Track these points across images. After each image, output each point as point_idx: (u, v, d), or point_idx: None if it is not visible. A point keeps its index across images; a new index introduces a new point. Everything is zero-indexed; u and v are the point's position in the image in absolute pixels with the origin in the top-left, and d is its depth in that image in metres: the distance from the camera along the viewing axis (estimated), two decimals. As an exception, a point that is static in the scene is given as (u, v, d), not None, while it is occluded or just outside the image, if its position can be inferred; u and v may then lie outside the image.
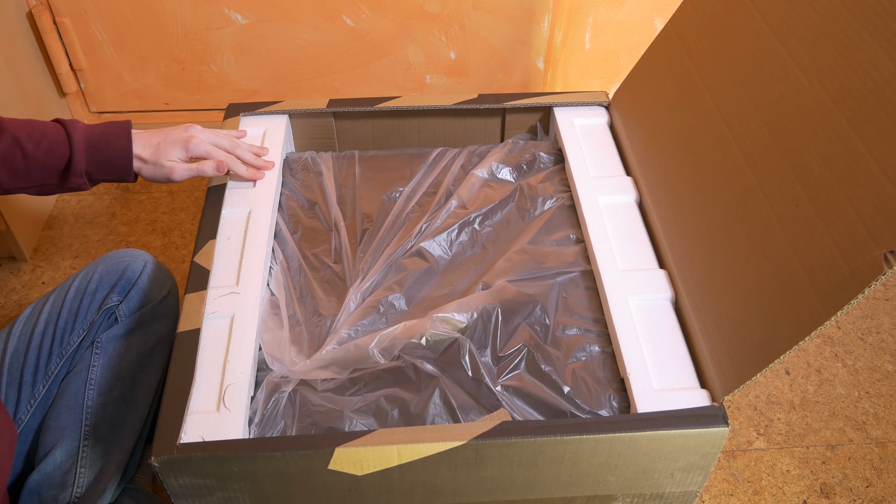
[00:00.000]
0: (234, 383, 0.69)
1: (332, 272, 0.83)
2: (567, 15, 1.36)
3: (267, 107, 0.97)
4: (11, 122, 0.76)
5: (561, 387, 0.71)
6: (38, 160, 0.75)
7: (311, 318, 0.78)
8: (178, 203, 1.41)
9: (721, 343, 0.67)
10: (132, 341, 0.84)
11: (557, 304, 0.78)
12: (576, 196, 0.88)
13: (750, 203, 0.68)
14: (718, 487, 1.01)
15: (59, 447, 0.78)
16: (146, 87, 1.45)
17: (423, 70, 1.44)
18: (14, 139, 0.75)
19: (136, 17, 1.34)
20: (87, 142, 0.77)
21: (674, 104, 0.84)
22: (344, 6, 1.33)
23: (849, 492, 1.00)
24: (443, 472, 0.66)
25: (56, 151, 0.76)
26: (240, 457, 0.62)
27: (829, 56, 0.64)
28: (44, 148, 0.75)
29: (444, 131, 1.00)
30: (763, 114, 0.70)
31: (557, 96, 0.99)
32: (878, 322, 1.21)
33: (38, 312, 0.83)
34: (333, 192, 0.91)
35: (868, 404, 1.10)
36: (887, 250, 0.53)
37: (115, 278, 0.84)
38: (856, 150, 0.58)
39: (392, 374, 0.73)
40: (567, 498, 0.71)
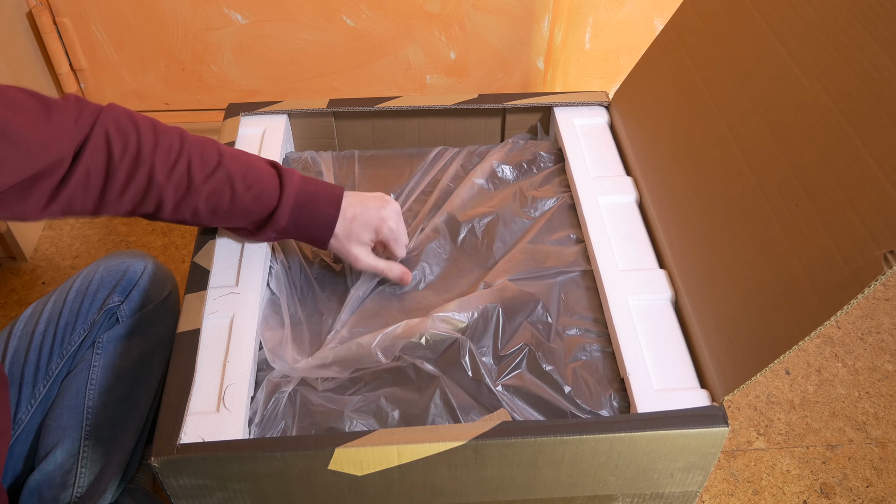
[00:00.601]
0: (234, 383, 0.69)
1: (332, 272, 0.83)
2: (567, 15, 1.36)
3: (267, 107, 0.97)
4: (230, 156, 0.71)
5: (562, 386, 0.71)
6: (243, 206, 0.71)
7: (311, 316, 0.78)
8: (179, 203, 1.40)
9: (721, 343, 0.67)
10: (133, 342, 0.84)
11: (558, 304, 0.78)
12: (576, 196, 0.88)
13: (750, 203, 0.68)
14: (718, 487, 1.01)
15: (60, 447, 0.78)
16: (146, 87, 1.45)
17: (423, 70, 1.44)
18: (228, 178, 0.70)
19: (136, 17, 1.34)
20: (297, 200, 0.73)
21: (674, 104, 0.84)
22: (344, 6, 1.33)
23: (849, 492, 1.00)
24: (443, 472, 0.66)
25: (264, 201, 0.71)
26: (240, 457, 0.62)
27: (829, 56, 0.64)
28: (253, 194, 0.71)
29: (444, 131, 1.00)
30: (763, 114, 0.70)
31: (557, 96, 0.99)
32: (878, 322, 1.21)
33: (38, 313, 0.83)
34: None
35: (868, 404, 1.10)
36: (887, 250, 0.53)
37: (117, 279, 0.84)
38: (856, 150, 0.58)
39: (392, 374, 0.73)
40: (567, 498, 0.71)
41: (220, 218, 0.72)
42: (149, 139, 0.67)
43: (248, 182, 0.71)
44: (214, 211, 0.71)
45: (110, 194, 0.66)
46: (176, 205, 0.69)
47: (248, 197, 0.71)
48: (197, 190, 0.69)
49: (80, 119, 0.64)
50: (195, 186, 0.69)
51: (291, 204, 0.72)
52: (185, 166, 0.68)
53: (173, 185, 0.68)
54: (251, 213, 0.72)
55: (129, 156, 0.66)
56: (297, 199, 0.73)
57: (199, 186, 0.69)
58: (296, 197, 0.73)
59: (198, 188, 0.69)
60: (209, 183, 0.69)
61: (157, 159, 0.67)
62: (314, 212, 0.74)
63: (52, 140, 0.61)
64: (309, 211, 0.73)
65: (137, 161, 0.66)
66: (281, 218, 0.73)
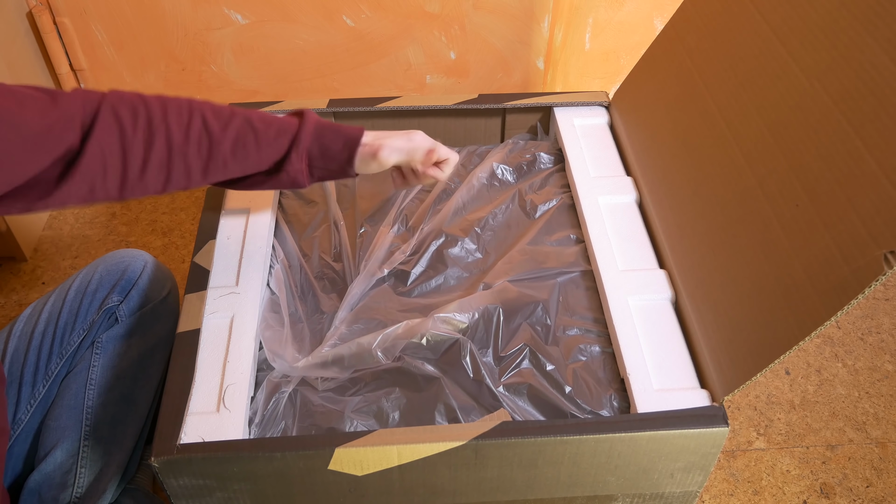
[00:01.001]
0: (234, 383, 0.69)
1: (331, 271, 0.83)
2: (567, 15, 1.36)
3: (267, 107, 0.97)
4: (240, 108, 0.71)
5: (562, 387, 0.71)
6: (268, 141, 0.69)
7: (311, 316, 0.78)
8: (178, 203, 1.41)
9: (721, 343, 0.67)
10: (132, 341, 0.84)
11: (558, 305, 0.78)
12: (576, 196, 0.88)
13: (750, 203, 0.68)
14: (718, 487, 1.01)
15: (60, 447, 0.78)
16: (146, 87, 1.45)
17: (423, 70, 1.44)
18: (246, 120, 0.69)
19: (136, 17, 1.34)
20: (318, 122, 0.72)
21: (674, 104, 0.84)
22: (344, 6, 1.33)
23: (849, 492, 1.00)
24: (443, 472, 0.66)
25: (287, 129, 0.70)
26: (240, 457, 0.62)
27: (829, 56, 0.64)
28: (274, 129, 0.70)
29: (444, 131, 1.00)
30: (763, 114, 0.70)
31: (557, 96, 0.99)
32: (878, 322, 1.21)
33: (38, 313, 0.83)
34: (333, 191, 0.91)
35: (868, 404, 1.10)
36: (887, 250, 0.53)
37: (116, 278, 0.84)
38: (856, 150, 0.58)
39: (393, 374, 0.73)
40: (567, 498, 0.71)
41: (251, 162, 0.70)
42: (157, 107, 0.65)
43: (267, 120, 0.70)
44: (245, 157, 0.69)
45: (131, 171, 0.63)
46: (204, 167, 0.67)
47: (270, 133, 0.69)
48: (220, 142, 0.67)
49: (87, 102, 0.63)
50: (216, 139, 0.67)
51: (314, 124, 0.72)
52: (200, 122, 0.66)
53: (194, 144, 0.66)
54: (277, 145, 0.70)
55: (140, 127, 0.64)
56: (318, 122, 0.72)
57: (220, 138, 0.67)
58: (317, 121, 0.72)
59: (219, 141, 0.67)
60: (229, 130, 0.67)
61: (171, 122, 0.65)
62: (338, 130, 0.72)
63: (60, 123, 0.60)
64: (332, 131, 0.72)
65: (151, 129, 0.64)
66: (304, 137, 0.70)
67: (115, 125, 0.63)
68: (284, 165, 0.70)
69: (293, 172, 0.71)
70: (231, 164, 0.68)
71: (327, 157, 0.72)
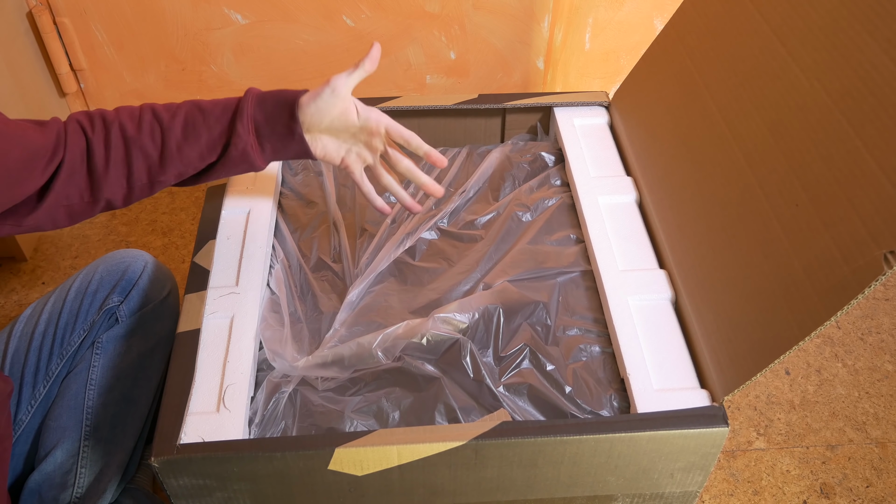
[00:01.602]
0: (234, 383, 0.69)
1: (331, 272, 0.83)
2: (567, 15, 1.36)
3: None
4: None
5: (562, 387, 0.71)
6: (215, 117, 0.72)
7: (311, 315, 0.78)
8: (178, 203, 1.41)
9: (721, 343, 0.67)
10: (133, 341, 0.84)
11: (558, 305, 0.78)
12: (576, 196, 0.88)
13: (750, 203, 0.68)
14: (718, 487, 1.01)
15: (60, 447, 0.78)
16: (146, 87, 1.45)
17: (423, 70, 1.44)
18: (194, 104, 0.73)
19: (136, 17, 1.34)
20: (261, 93, 0.74)
21: (674, 104, 0.84)
22: (344, 6, 1.33)
23: (849, 492, 1.00)
24: (443, 472, 0.66)
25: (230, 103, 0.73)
26: (240, 457, 0.62)
27: (829, 56, 0.64)
28: (220, 106, 0.73)
29: (444, 131, 1.00)
30: (763, 114, 0.70)
31: (557, 96, 0.99)
32: (878, 322, 1.21)
33: (38, 313, 0.83)
34: (333, 191, 0.91)
35: (868, 404, 1.10)
36: (887, 250, 0.53)
37: (116, 279, 0.84)
38: (856, 150, 0.58)
39: (393, 374, 0.73)
40: (567, 498, 0.71)
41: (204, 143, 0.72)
42: (110, 111, 0.71)
43: (214, 101, 0.73)
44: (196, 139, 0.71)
45: (97, 169, 0.69)
46: (161, 155, 0.71)
47: (217, 110, 0.72)
48: (171, 128, 0.70)
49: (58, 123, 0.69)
50: (167, 125, 0.70)
51: (256, 94, 0.73)
52: (150, 114, 0.71)
53: (147, 133, 0.70)
54: (224, 119, 0.72)
55: (98, 127, 0.69)
56: (261, 92, 0.74)
57: (171, 123, 0.71)
58: (259, 92, 0.74)
59: (170, 125, 0.71)
60: (178, 116, 0.71)
61: (123, 118, 0.70)
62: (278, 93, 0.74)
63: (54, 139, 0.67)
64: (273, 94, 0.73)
65: (106, 126, 0.69)
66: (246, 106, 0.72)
67: (80, 134, 0.69)
68: (233, 140, 0.72)
69: (242, 146, 0.72)
70: (186, 149, 0.71)
71: (272, 120, 0.73)
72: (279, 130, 0.73)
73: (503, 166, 0.94)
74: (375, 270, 0.81)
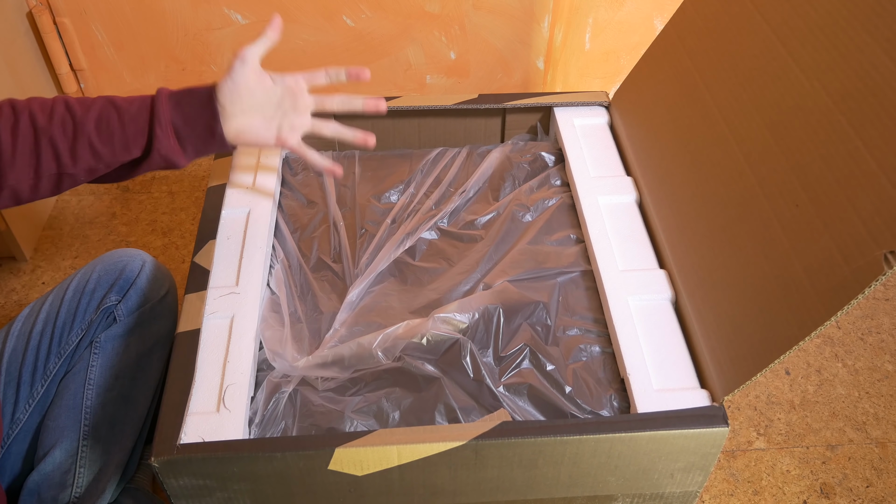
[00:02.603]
0: (234, 383, 0.69)
1: (331, 272, 0.83)
2: (567, 15, 1.36)
3: (267, 107, 0.97)
4: None
5: (562, 387, 0.71)
6: (131, 116, 0.69)
7: (311, 315, 0.78)
8: (178, 203, 1.41)
9: (721, 343, 0.67)
10: (131, 341, 0.84)
11: (558, 305, 0.78)
12: (576, 196, 0.88)
13: (750, 203, 0.68)
14: (718, 487, 1.01)
15: (59, 447, 0.78)
16: (146, 87, 1.45)
17: (423, 70, 1.44)
18: (108, 101, 0.70)
19: (136, 18, 1.34)
20: (172, 92, 0.72)
21: (674, 104, 0.84)
22: (344, 6, 1.33)
23: (849, 492, 1.00)
24: (443, 472, 0.66)
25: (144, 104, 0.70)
26: (240, 457, 0.62)
27: (829, 56, 0.64)
28: (136, 104, 0.70)
29: (444, 131, 1.00)
30: (763, 114, 0.70)
31: (557, 96, 0.99)
32: (878, 322, 1.21)
33: (36, 312, 0.83)
34: (333, 191, 0.91)
35: (868, 404, 1.10)
36: (887, 250, 0.53)
37: (114, 278, 0.84)
38: (856, 150, 0.58)
39: (393, 374, 0.73)
40: (567, 498, 0.71)
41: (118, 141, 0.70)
42: (21, 100, 0.69)
43: (130, 99, 0.70)
44: (110, 136, 0.69)
45: (4, 156, 0.66)
46: (71, 148, 0.68)
47: (133, 108, 0.69)
48: (83, 122, 0.68)
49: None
50: (79, 119, 0.68)
51: (169, 94, 0.71)
52: (63, 105, 0.69)
53: (58, 125, 0.67)
54: (140, 120, 0.70)
55: (5, 114, 0.67)
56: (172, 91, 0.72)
57: (84, 118, 0.68)
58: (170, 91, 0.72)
59: (83, 121, 0.68)
60: (92, 111, 0.69)
61: (34, 107, 0.68)
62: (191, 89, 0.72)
63: None
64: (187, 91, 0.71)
65: (15, 114, 0.67)
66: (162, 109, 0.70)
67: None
68: (154, 144, 0.70)
69: (163, 150, 0.70)
70: (98, 145, 0.69)
71: (192, 121, 0.71)
72: (199, 131, 0.72)
73: (503, 166, 0.94)
74: (375, 270, 0.81)
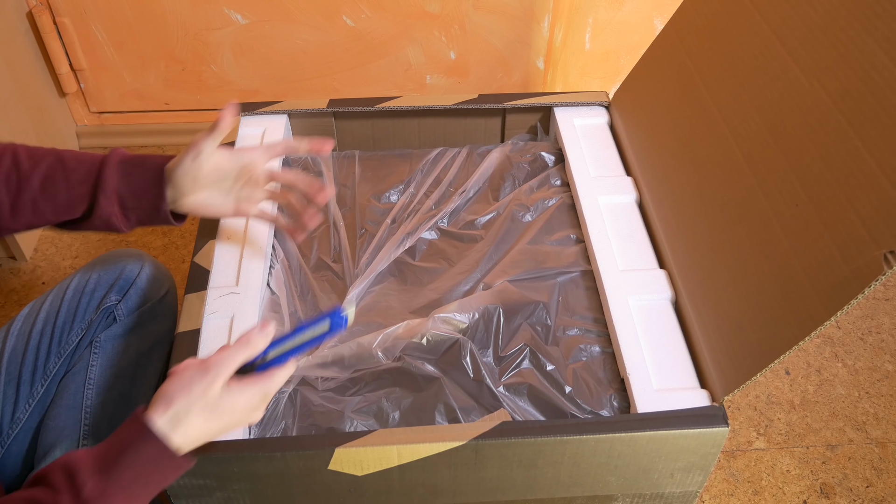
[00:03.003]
0: (234, 383, 0.69)
1: (331, 272, 0.83)
2: (567, 15, 1.36)
3: (267, 107, 0.97)
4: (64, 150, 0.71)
5: (562, 387, 0.71)
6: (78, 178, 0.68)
7: (311, 315, 0.78)
8: (178, 203, 1.40)
9: (721, 343, 0.67)
10: (131, 340, 0.84)
11: (558, 304, 0.78)
12: (576, 196, 0.88)
13: (750, 203, 0.68)
14: (718, 487, 1.01)
15: (59, 447, 0.78)
16: (146, 87, 1.45)
17: (423, 70, 1.44)
18: (58, 159, 0.69)
19: (136, 17, 1.34)
20: (124, 158, 0.71)
21: (674, 104, 0.84)
22: (344, 6, 1.33)
23: (849, 492, 1.00)
24: (443, 472, 0.66)
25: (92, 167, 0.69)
26: (240, 457, 0.62)
27: (829, 56, 0.64)
28: (85, 166, 0.69)
29: (444, 131, 1.00)
30: (763, 114, 0.70)
31: (557, 96, 0.99)
32: (878, 322, 1.21)
33: (36, 312, 0.83)
34: (333, 191, 0.91)
35: (868, 404, 1.10)
36: (887, 250, 0.53)
37: (114, 277, 0.84)
38: (856, 150, 0.58)
39: (393, 374, 0.73)
40: (567, 498, 0.71)
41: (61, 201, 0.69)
42: None
43: (80, 158, 0.69)
44: (55, 195, 0.68)
45: None
46: (13, 203, 0.68)
47: (81, 170, 0.69)
48: (28, 178, 0.67)
49: None
50: (24, 175, 0.67)
51: (118, 159, 0.70)
52: (11, 159, 0.68)
53: (2, 179, 0.67)
54: (87, 183, 0.69)
55: None
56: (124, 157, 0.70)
57: (30, 174, 0.67)
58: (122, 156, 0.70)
59: (28, 177, 0.67)
60: (40, 168, 0.68)
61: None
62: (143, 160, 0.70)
63: None
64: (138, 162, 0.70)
65: None
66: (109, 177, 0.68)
67: None
68: (96, 211, 0.69)
69: (105, 216, 0.70)
70: (42, 203, 0.68)
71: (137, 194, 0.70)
72: (144, 205, 0.71)
73: (503, 166, 0.94)
74: (375, 270, 0.81)
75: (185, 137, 1.52)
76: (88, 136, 1.51)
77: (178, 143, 1.53)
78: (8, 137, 1.24)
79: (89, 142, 1.51)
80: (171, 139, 1.53)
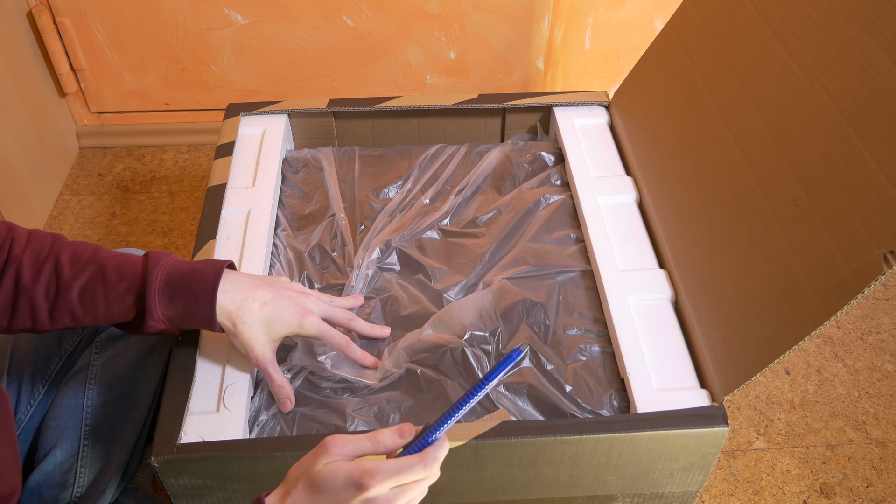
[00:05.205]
0: (234, 383, 0.69)
1: (332, 269, 0.83)
2: (567, 15, 1.36)
3: (267, 107, 0.97)
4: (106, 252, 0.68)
5: (562, 386, 0.71)
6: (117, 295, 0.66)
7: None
8: (178, 203, 1.41)
9: (721, 343, 0.67)
10: (131, 341, 0.84)
11: (558, 304, 0.78)
12: (576, 196, 0.88)
13: (750, 203, 0.68)
14: (718, 487, 1.01)
15: (59, 447, 0.78)
16: (146, 87, 1.45)
17: (423, 70, 1.44)
18: (100, 268, 0.66)
19: (136, 17, 1.34)
20: (167, 283, 0.66)
21: (674, 104, 0.84)
22: (344, 6, 1.33)
23: (849, 492, 1.00)
24: (443, 472, 0.66)
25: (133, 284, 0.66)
26: (240, 457, 0.62)
27: (829, 56, 0.64)
28: (126, 283, 0.66)
29: (444, 131, 1.00)
30: (763, 114, 0.70)
31: (557, 96, 0.99)
32: (878, 322, 1.21)
33: (37, 312, 0.83)
34: (336, 186, 0.91)
35: (868, 404, 1.10)
36: (887, 250, 0.53)
37: (115, 278, 0.84)
38: (856, 150, 0.58)
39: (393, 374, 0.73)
40: (567, 498, 0.71)
41: (101, 313, 0.67)
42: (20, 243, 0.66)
43: (122, 271, 0.66)
44: (94, 308, 0.66)
45: None
46: (50, 311, 0.66)
47: (121, 287, 0.66)
48: (68, 289, 0.65)
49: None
50: (64, 284, 0.65)
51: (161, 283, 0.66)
52: (53, 265, 0.66)
53: (42, 287, 0.65)
54: (125, 298, 0.66)
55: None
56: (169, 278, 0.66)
57: (70, 284, 0.65)
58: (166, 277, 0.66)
59: (68, 286, 0.65)
60: (80, 278, 0.65)
61: (24, 261, 0.65)
62: (191, 289, 0.66)
63: None
64: (186, 290, 0.66)
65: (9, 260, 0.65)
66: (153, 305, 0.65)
67: None
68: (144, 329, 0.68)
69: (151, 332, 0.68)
70: (80, 314, 0.66)
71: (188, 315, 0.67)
72: (196, 324, 0.68)
73: (503, 166, 0.94)
74: (375, 268, 0.81)
75: (185, 137, 1.53)
76: (88, 136, 1.51)
77: (178, 143, 1.53)
78: (8, 137, 1.24)
79: (89, 141, 1.51)
80: (171, 139, 1.53)
